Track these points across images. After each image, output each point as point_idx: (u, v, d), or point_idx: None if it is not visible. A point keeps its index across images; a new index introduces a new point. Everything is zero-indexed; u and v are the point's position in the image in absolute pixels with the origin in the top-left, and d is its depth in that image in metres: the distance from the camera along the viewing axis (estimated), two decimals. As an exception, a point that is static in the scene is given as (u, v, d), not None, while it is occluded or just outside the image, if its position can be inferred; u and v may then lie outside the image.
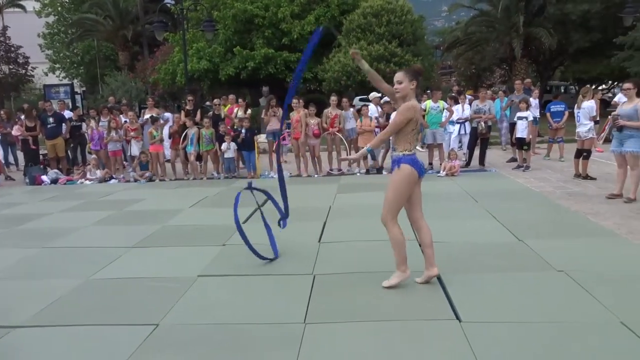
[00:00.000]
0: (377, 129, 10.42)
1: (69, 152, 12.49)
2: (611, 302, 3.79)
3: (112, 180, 11.11)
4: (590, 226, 6.04)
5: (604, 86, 29.58)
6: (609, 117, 7.66)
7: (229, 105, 12.19)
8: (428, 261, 4.25)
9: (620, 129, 7.13)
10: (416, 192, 4.18)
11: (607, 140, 8.36)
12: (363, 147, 10.37)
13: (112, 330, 3.74)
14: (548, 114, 11.36)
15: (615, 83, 27.73)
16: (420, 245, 4.45)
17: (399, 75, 4.08)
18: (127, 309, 4.08)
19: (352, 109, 11.24)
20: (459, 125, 11.28)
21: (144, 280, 4.71)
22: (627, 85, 7.34)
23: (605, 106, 18.35)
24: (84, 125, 12.70)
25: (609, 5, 20.42)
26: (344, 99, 11.46)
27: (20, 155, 13.21)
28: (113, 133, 11.29)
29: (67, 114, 13.06)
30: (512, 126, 11.04)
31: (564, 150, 11.43)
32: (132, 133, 11.42)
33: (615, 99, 11.70)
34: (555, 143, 11.58)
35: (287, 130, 10.91)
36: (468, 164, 10.84)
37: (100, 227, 6.97)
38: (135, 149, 11.47)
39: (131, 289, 4.51)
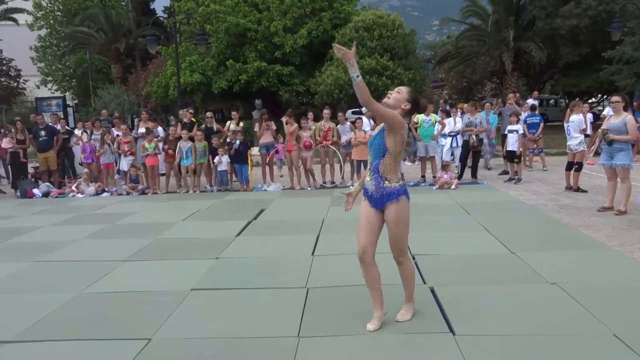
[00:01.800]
0: None
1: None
2: (604, 314, 3.81)
3: (105, 194, 11.06)
4: (582, 238, 6.09)
5: (593, 99, 29.93)
6: (599, 130, 7.74)
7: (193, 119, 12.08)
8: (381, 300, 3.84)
9: (610, 142, 7.21)
10: None
11: (597, 153, 8.45)
12: (356, 160, 10.53)
13: (104, 345, 3.71)
14: (524, 126, 11.50)
15: (604, 96, 28.06)
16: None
17: (402, 89, 3.71)
18: (119, 323, 4.05)
19: (348, 123, 11.27)
20: (451, 138, 11.36)
21: (137, 294, 4.68)
22: (615, 99, 7.44)
23: (595, 119, 18.56)
24: (72, 138, 12.67)
25: (597, 20, 20.73)
26: (340, 113, 11.51)
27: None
28: (106, 147, 11.26)
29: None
30: (504, 139, 11.16)
31: (545, 160, 12.13)
32: (125, 146, 11.39)
33: (604, 112, 11.93)
34: (536, 155, 11.98)
35: (281, 143, 10.92)
36: (460, 176, 10.90)
37: (92, 240, 6.92)
38: (124, 164, 11.41)
39: (123, 303, 4.48)
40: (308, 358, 3.38)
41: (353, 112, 22.49)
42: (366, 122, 11.47)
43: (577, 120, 9.10)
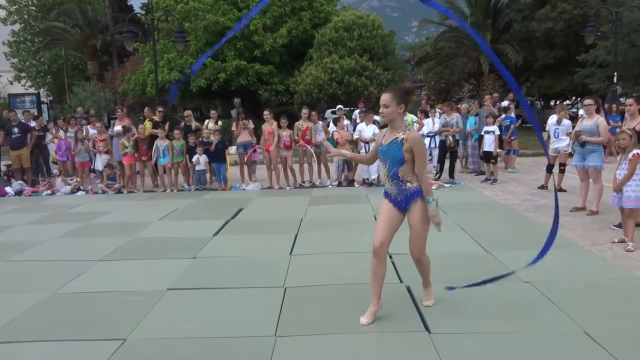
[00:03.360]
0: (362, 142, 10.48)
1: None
2: (575, 312, 3.90)
3: (80, 192, 10.89)
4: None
5: (567, 102, 30.49)
6: (572, 132, 7.90)
7: (148, 120, 11.97)
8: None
9: (583, 144, 7.36)
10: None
11: (570, 155, 8.62)
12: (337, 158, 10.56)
13: (77, 345, 3.66)
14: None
15: (578, 99, 28.62)
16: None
17: (385, 98, 3.66)
18: (94, 323, 4.00)
19: (321, 122, 11.29)
20: (429, 139, 11.45)
21: (112, 294, 4.62)
22: (587, 101, 7.60)
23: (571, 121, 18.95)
24: (47, 135, 12.45)
25: (572, 24, 21.15)
26: (313, 113, 11.51)
27: None
28: (80, 144, 11.07)
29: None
30: (481, 140, 11.28)
31: (513, 163, 12.17)
32: (100, 144, 11.23)
33: (581, 113, 12.13)
34: (509, 155, 12.11)
35: (258, 144, 10.88)
36: (439, 177, 11.00)
37: (67, 239, 6.82)
38: (99, 163, 11.22)
39: (98, 303, 4.42)
40: (285, 357, 3.38)
41: (332, 112, 22.54)
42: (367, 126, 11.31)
43: (567, 124, 9.26)
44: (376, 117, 10.48)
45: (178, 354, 3.48)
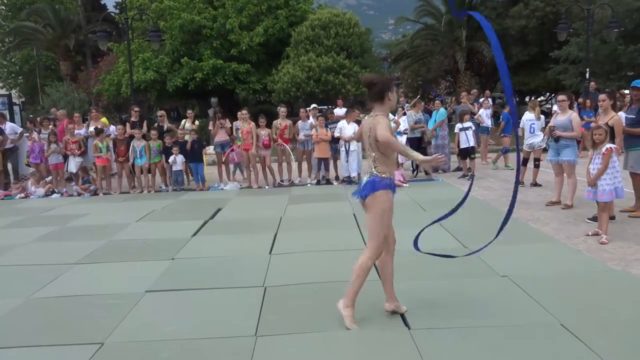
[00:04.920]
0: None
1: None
2: (551, 304, 3.96)
3: (54, 195, 10.69)
4: (531, 232, 6.30)
5: (542, 98, 30.99)
6: (547, 127, 8.03)
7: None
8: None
9: (557, 139, 7.49)
10: None
11: (545, 150, 8.76)
12: (317, 158, 10.54)
13: (54, 351, 3.59)
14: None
15: (552, 95, 29.11)
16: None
17: (365, 120, 3.78)
18: (70, 328, 3.93)
19: (309, 120, 11.23)
20: (405, 136, 11.51)
21: (88, 298, 4.55)
22: (561, 97, 7.73)
23: (545, 117, 19.27)
24: (23, 136, 12.18)
25: (544, 21, 21.48)
26: (302, 110, 11.48)
27: None
28: (54, 146, 10.85)
29: (13, 126, 12.51)
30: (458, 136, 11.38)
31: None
32: (72, 146, 11.00)
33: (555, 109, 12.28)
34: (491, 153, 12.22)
35: (236, 144, 10.79)
36: (416, 174, 11.08)
37: (42, 243, 6.68)
38: (72, 165, 11.01)
39: (75, 308, 4.35)
40: (265, 357, 3.37)
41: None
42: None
43: (542, 120, 9.41)
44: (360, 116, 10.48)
45: (157, 356, 3.44)
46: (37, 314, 4.25)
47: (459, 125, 10.94)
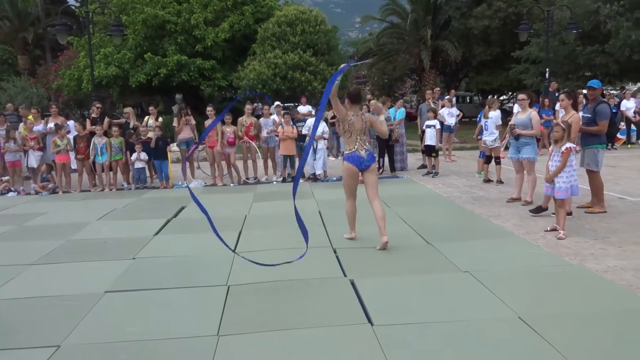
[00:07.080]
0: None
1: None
2: (510, 298, 4.04)
3: (11, 193, 10.33)
4: (492, 228, 6.43)
5: (504, 96, 31.66)
6: (508, 126, 8.19)
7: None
8: (380, 232, 5.38)
9: (517, 137, 7.65)
10: (367, 179, 5.65)
11: (507, 148, 8.95)
12: (283, 155, 10.49)
13: (7, 355, 3.46)
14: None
15: (514, 94, 29.78)
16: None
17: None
18: (25, 331, 3.80)
19: (272, 117, 11.20)
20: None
21: (45, 300, 4.41)
22: (521, 96, 7.90)
23: (506, 115, 19.67)
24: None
25: (507, 22, 21.91)
26: (265, 107, 11.43)
27: None
28: (11, 143, 10.49)
29: None
30: (423, 134, 11.51)
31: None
32: (31, 142, 10.67)
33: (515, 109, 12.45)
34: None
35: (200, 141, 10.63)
36: (382, 171, 11.15)
37: (-4, 243, 6.45)
38: (32, 160, 10.68)
39: (30, 310, 4.21)
40: (227, 357, 3.33)
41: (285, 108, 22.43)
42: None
43: (495, 117, 9.55)
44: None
45: (116, 358, 3.36)
46: (-11, 317, 4.10)
47: (426, 123, 11.06)
